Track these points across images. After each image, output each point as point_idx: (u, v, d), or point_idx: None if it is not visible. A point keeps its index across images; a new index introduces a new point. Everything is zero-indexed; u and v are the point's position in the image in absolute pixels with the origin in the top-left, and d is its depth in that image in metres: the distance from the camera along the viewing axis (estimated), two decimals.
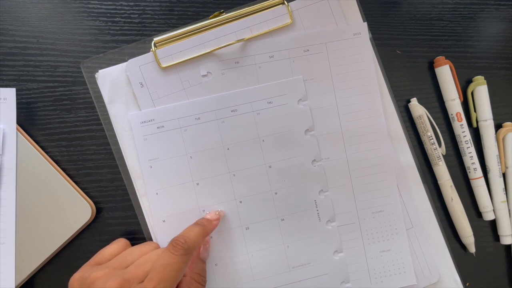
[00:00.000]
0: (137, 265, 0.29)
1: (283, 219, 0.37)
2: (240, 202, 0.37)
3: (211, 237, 0.37)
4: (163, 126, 0.36)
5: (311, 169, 0.37)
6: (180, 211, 0.37)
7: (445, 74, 0.39)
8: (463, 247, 0.40)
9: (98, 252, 0.33)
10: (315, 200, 0.38)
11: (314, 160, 0.38)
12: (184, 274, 0.33)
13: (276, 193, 0.37)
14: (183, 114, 0.36)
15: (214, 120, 0.37)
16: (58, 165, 0.37)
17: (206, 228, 0.34)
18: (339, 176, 0.38)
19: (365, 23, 0.38)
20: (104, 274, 0.28)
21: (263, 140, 0.37)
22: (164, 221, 0.37)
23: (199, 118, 0.37)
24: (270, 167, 0.37)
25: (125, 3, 0.38)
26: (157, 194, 0.36)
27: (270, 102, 0.37)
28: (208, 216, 0.36)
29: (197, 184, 0.37)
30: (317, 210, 0.38)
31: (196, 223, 0.34)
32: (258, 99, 0.37)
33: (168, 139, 0.36)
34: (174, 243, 0.30)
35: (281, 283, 0.37)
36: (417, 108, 0.39)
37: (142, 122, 0.36)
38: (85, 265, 0.31)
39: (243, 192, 0.37)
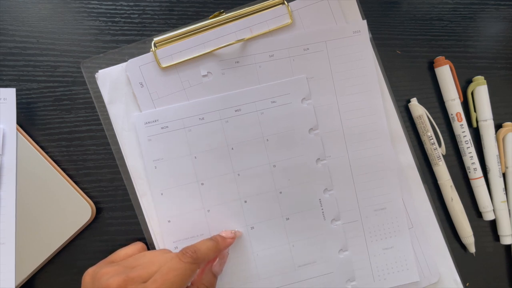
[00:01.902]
0: (144, 266, 0.30)
1: (288, 218, 0.37)
2: (245, 201, 0.37)
3: (228, 253, 0.37)
4: (167, 127, 0.36)
5: (315, 168, 0.38)
6: (185, 211, 0.37)
7: (445, 74, 0.39)
8: (463, 247, 0.40)
9: (115, 252, 0.34)
10: (319, 199, 0.38)
11: (318, 159, 0.38)
12: (192, 283, 0.33)
13: (280, 193, 0.37)
14: (187, 114, 0.36)
15: (218, 120, 0.37)
16: (58, 165, 0.37)
17: (218, 244, 0.34)
18: (340, 175, 0.38)
19: (365, 20, 0.38)
20: (112, 270, 0.29)
21: (267, 140, 0.37)
22: (169, 221, 0.37)
23: (203, 118, 0.37)
24: (274, 166, 0.37)
25: (125, 3, 0.38)
26: (162, 194, 0.36)
27: (273, 102, 0.37)
28: (223, 234, 0.36)
29: (202, 184, 0.37)
30: (322, 209, 0.38)
31: (210, 238, 0.34)
32: (262, 98, 0.37)
33: (172, 140, 0.36)
34: (184, 250, 0.31)
35: (286, 282, 0.37)
36: (417, 108, 0.39)
37: (146, 123, 0.36)
38: (100, 261, 0.33)
39: (248, 191, 0.37)
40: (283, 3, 0.37)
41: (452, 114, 0.40)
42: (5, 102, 0.36)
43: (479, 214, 0.41)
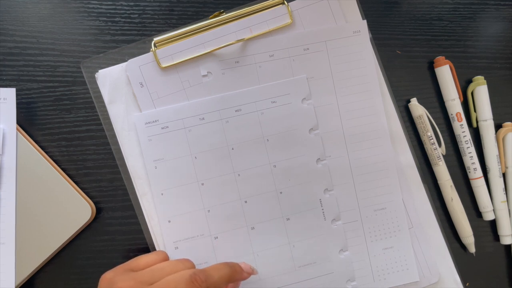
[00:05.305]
0: (159, 286, 0.29)
1: (289, 219, 0.37)
2: (245, 202, 0.37)
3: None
4: (167, 127, 0.36)
5: (315, 168, 0.38)
6: (185, 211, 0.37)
7: (445, 74, 0.39)
8: (463, 247, 0.40)
9: (136, 258, 0.33)
10: (320, 199, 0.38)
11: (318, 159, 0.38)
12: None
13: (281, 193, 0.37)
14: (187, 115, 0.36)
15: (218, 120, 0.37)
16: (58, 165, 0.37)
17: (235, 274, 0.32)
18: (341, 175, 0.38)
19: (365, 20, 0.38)
20: (128, 286, 0.29)
21: (268, 140, 0.37)
22: (169, 221, 0.37)
23: (203, 118, 0.37)
24: (274, 166, 0.37)
25: (125, 3, 0.38)
26: (162, 194, 0.36)
27: (274, 102, 0.37)
28: (242, 265, 0.35)
29: (202, 184, 0.37)
30: (322, 209, 0.38)
31: (228, 264, 0.33)
32: (262, 98, 0.37)
33: (172, 140, 0.36)
34: (194, 276, 0.29)
35: (286, 283, 0.37)
36: (417, 108, 0.39)
37: (147, 123, 0.36)
38: (120, 266, 0.32)
39: (248, 192, 0.37)
40: (283, 3, 0.37)
41: (452, 114, 0.40)
42: (5, 102, 0.36)
43: (479, 214, 0.41)
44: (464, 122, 0.39)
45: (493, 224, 0.41)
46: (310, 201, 0.37)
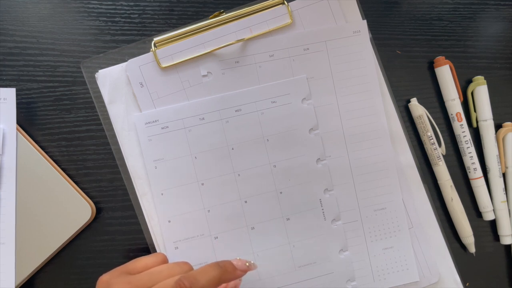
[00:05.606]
0: None
1: (289, 219, 0.37)
2: (245, 202, 0.37)
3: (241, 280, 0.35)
4: (167, 127, 0.36)
5: (315, 168, 0.38)
6: (185, 211, 0.37)
7: (445, 74, 0.39)
8: (463, 247, 0.40)
9: (134, 260, 0.32)
10: (320, 199, 0.38)
11: (318, 159, 0.38)
12: None
13: (281, 193, 0.37)
14: (187, 115, 0.36)
15: (218, 120, 0.37)
16: (58, 165, 0.37)
17: (226, 275, 0.30)
18: (341, 175, 0.38)
19: (365, 20, 0.38)
20: None
21: (268, 140, 0.37)
22: (169, 221, 0.37)
23: (203, 118, 0.37)
24: (274, 166, 0.37)
25: (125, 3, 0.38)
26: (162, 194, 0.36)
27: (274, 102, 0.37)
28: (235, 263, 0.31)
29: (202, 184, 0.37)
30: (322, 209, 0.38)
31: (218, 265, 0.30)
32: (262, 98, 0.37)
33: (172, 140, 0.36)
34: (179, 283, 0.28)
35: (286, 283, 0.37)
36: (417, 108, 0.39)
37: (147, 123, 0.36)
38: (117, 268, 0.31)
39: (248, 192, 0.37)
40: (283, 3, 0.37)
41: (452, 114, 0.40)
42: (5, 102, 0.36)
43: (479, 214, 0.41)
44: (464, 122, 0.39)
45: (493, 224, 0.41)
46: (310, 201, 0.37)
